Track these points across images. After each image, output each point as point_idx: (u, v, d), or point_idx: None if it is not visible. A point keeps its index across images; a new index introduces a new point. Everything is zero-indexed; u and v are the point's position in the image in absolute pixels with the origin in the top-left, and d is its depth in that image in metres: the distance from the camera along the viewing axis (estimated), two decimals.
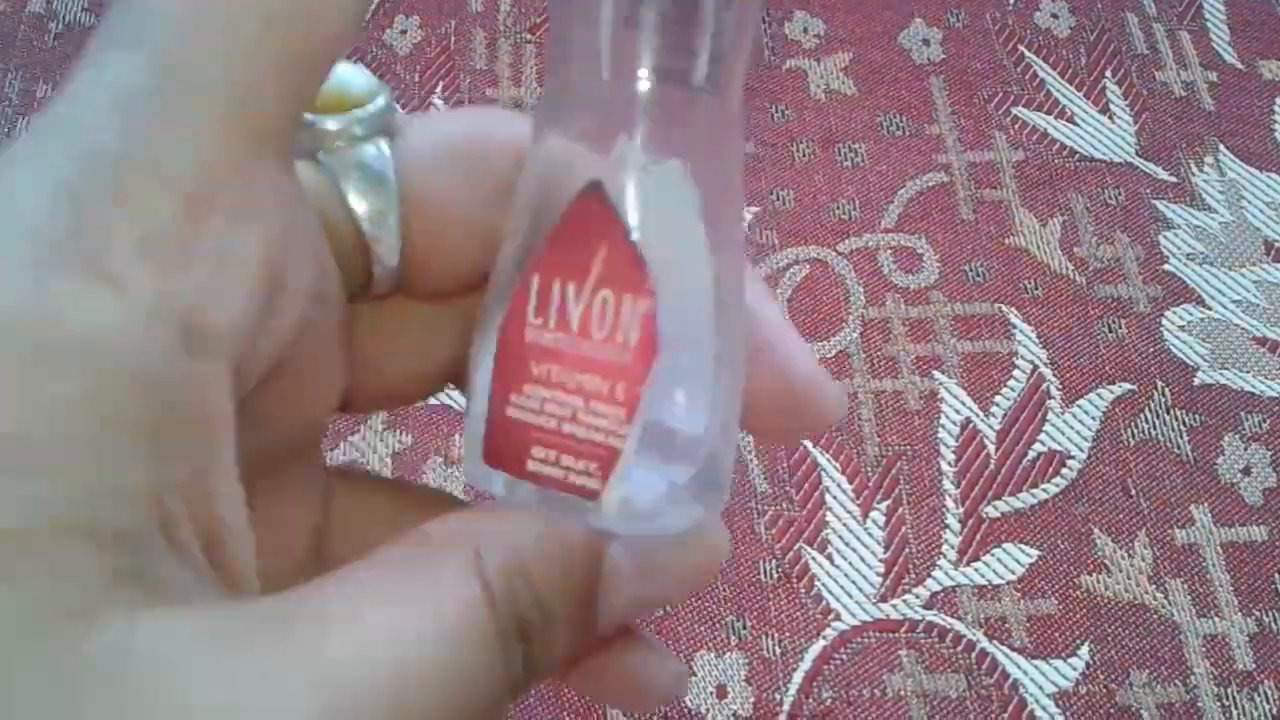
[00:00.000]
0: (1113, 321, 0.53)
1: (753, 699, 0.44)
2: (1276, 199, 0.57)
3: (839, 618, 0.46)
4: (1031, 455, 0.49)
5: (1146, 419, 0.50)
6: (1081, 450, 0.50)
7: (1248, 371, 0.51)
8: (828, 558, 0.47)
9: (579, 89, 0.17)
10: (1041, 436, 0.50)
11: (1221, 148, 0.58)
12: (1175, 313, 0.53)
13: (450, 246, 0.19)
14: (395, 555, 0.15)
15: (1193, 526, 0.48)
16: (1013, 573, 0.47)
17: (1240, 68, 0.61)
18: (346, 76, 0.18)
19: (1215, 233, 0.55)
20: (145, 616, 0.13)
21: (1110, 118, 0.59)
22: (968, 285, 0.54)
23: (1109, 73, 0.60)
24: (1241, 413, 0.50)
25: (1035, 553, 0.47)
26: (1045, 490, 0.49)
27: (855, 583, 0.47)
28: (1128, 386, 0.51)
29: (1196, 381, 0.51)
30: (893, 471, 0.49)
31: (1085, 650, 0.45)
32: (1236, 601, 0.46)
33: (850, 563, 0.47)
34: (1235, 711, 0.44)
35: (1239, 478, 0.49)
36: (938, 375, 0.51)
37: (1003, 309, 0.53)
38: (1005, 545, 0.47)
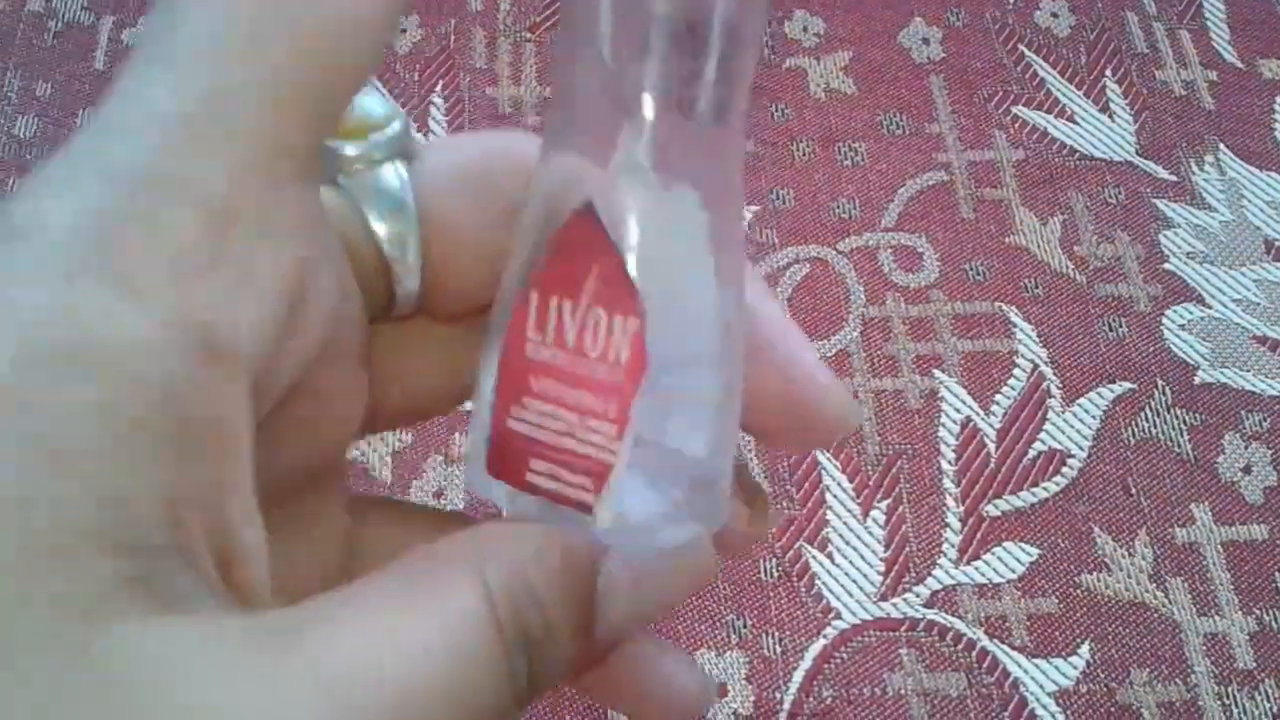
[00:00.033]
0: (1113, 320, 0.53)
1: (753, 698, 0.44)
2: (1277, 198, 0.57)
3: (839, 616, 0.46)
4: (1032, 454, 0.49)
5: (1147, 418, 0.50)
6: (1082, 449, 0.50)
7: (1248, 370, 0.51)
8: (828, 556, 0.47)
9: (584, 111, 0.17)
10: (1042, 435, 0.50)
11: (1222, 147, 0.58)
12: (1175, 311, 0.53)
13: (468, 268, 0.19)
14: (401, 570, 0.15)
15: (1193, 525, 0.48)
16: (1013, 571, 0.47)
17: (1240, 67, 0.61)
18: (364, 102, 0.19)
19: (1215, 232, 0.55)
20: (154, 623, 0.13)
21: (1110, 117, 0.59)
22: (968, 284, 0.54)
23: (1109, 72, 0.60)
24: (1242, 411, 0.50)
25: (1036, 551, 0.47)
26: (1046, 489, 0.49)
27: (856, 581, 0.47)
28: (1128, 385, 0.51)
29: (1197, 380, 0.51)
30: (893, 470, 0.49)
31: (1086, 649, 0.45)
32: (1237, 600, 0.46)
33: (851, 561, 0.47)
34: (1236, 710, 0.44)
35: (1239, 476, 0.49)
36: (938, 374, 0.51)
37: (1003, 308, 0.53)
38: (1006, 544, 0.47)
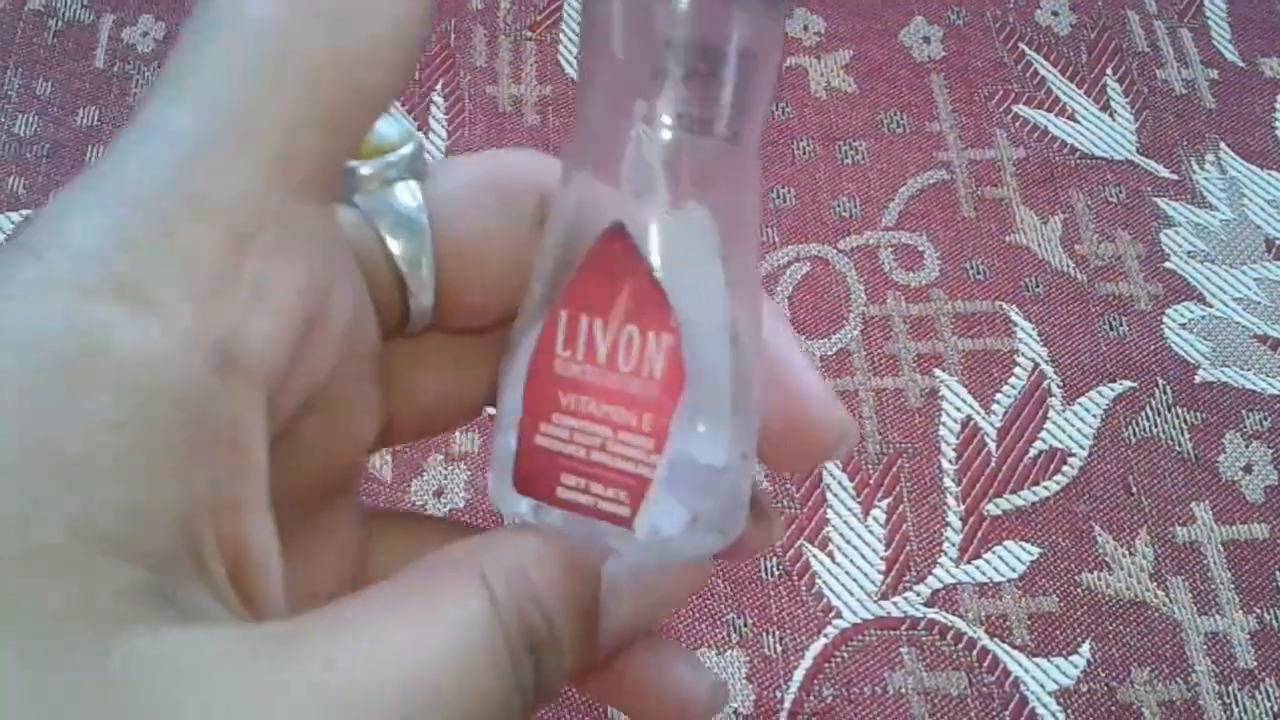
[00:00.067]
0: (1114, 319, 0.53)
1: (753, 697, 0.44)
2: (1277, 196, 0.56)
3: (840, 615, 0.46)
4: (1032, 453, 0.49)
5: (1147, 417, 0.50)
6: (1082, 448, 0.49)
7: (1249, 369, 0.51)
8: (829, 555, 0.47)
9: (603, 133, 0.18)
10: (1042, 434, 0.50)
11: (1222, 145, 0.58)
12: (1176, 310, 0.53)
13: (481, 283, 0.20)
14: (406, 578, 0.16)
15: (1194, 524, 0.48)
16: (1014, 570, 0.47)
17: (1241, 65, 0.61)
18: (378, 124, 0.20)
19: (1216, 230, 0.55)
20: (166, 632, 0.13)
21: (1111, 115, 0.59)
22: (968, 283, 0.54)
23: (1110, 70, 0.60)
24: (1242, 410, 0.50)
25: (1036, 550, 0.47)
26: (1046, 488, 0.49)
27: (856, 580, 0.46)
28: (1129, 384, 0.51)
29: (1197, 379, 0.51)
30: (894, 469, 0.49)
31: (1086, 648, 0.45)
32: (1238, 599, 0.46)
33: (851, 560, 0.47)
34: (1236, 709, 0.44)
35: (1240, 475, 0.49)
36: (938, 373, 0.51)
37: (1004, 307, 0.53)
38: (1006, 543, 0.47)
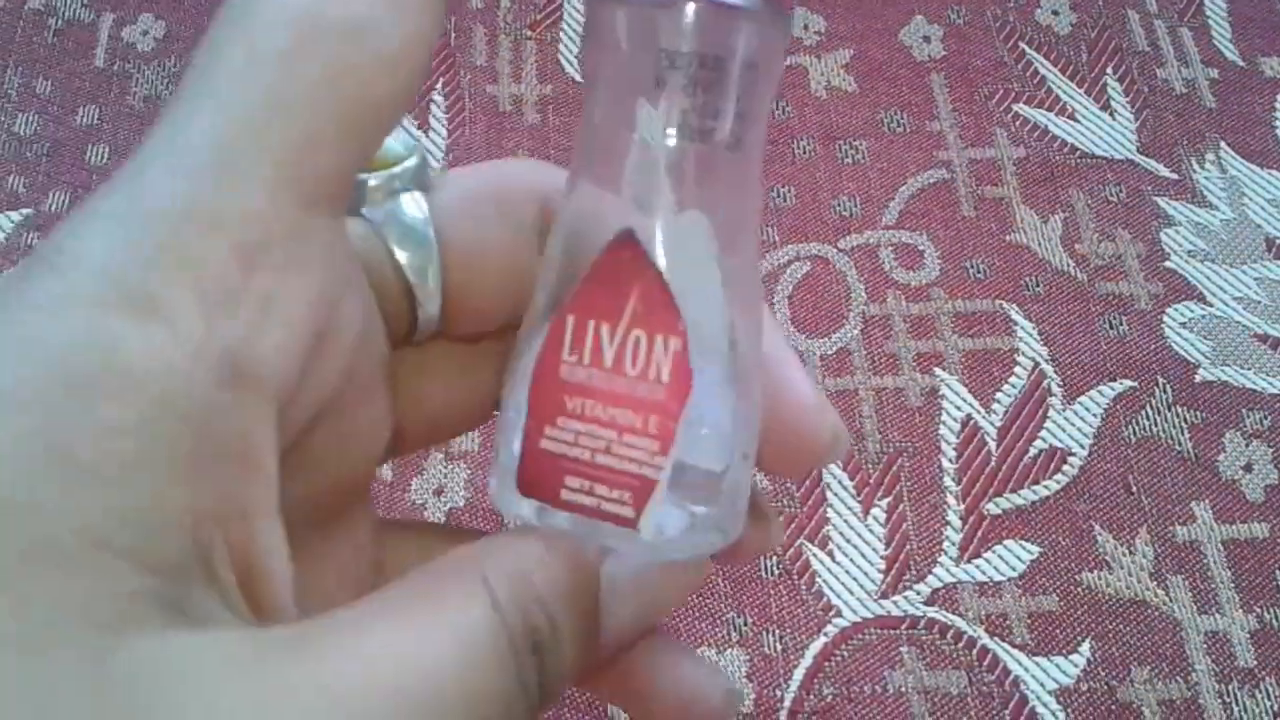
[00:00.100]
0: (1114, 318, 0.53)
1: (753, 695, 0.44)
2: (1277, 196, 0.56)
3: (840, 614, 0.46)
4: (1033, 452, 0.49)
5: (1148, 416, 0.50)
6: (1083, 447, 0.49)
7: (1249, 368, 0.51)
8: (829, 554, 0.47)
9: (608, 143, 0.18)
10: (1042, 433, 0.50)
11: (1223, 145, 0.58)
12: (1176, 309, 0.53)
13: (487, 290, 0.20)
14: (409, 584, 0.16)
15: (1194, 523, 0.48)
16: (1014, 569, 0.47)
17: (1241, 65, 0.61)
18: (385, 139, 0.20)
19: (1216, 230, 0.55)
20: (171, 635, 0.13)
21: (1111, 114, 0.59)
22: (969, 282, 0.54)
23: (1110, 69, 0.60)
24: (1243, 409, 0.50)
25: (1036, 549, 0.47)
26: (1046, 487, 0.49)
27: (856, 579, 0.46)
28: (1129, 383, 0.51)
29: (1198, 378, 0.51)
30: (894, 468, 0.49)
31: (1086, 647, 0.45)
32: (1238, 598, 0.46)
33: (851, 559, 0.47)
34: (1236, 708, 0.44)
35: (1240, 474, 0.49)
36: (939, 372, 0.51)
37: (1004, 306, 0.53)
38: (1006, 542, 0.47)
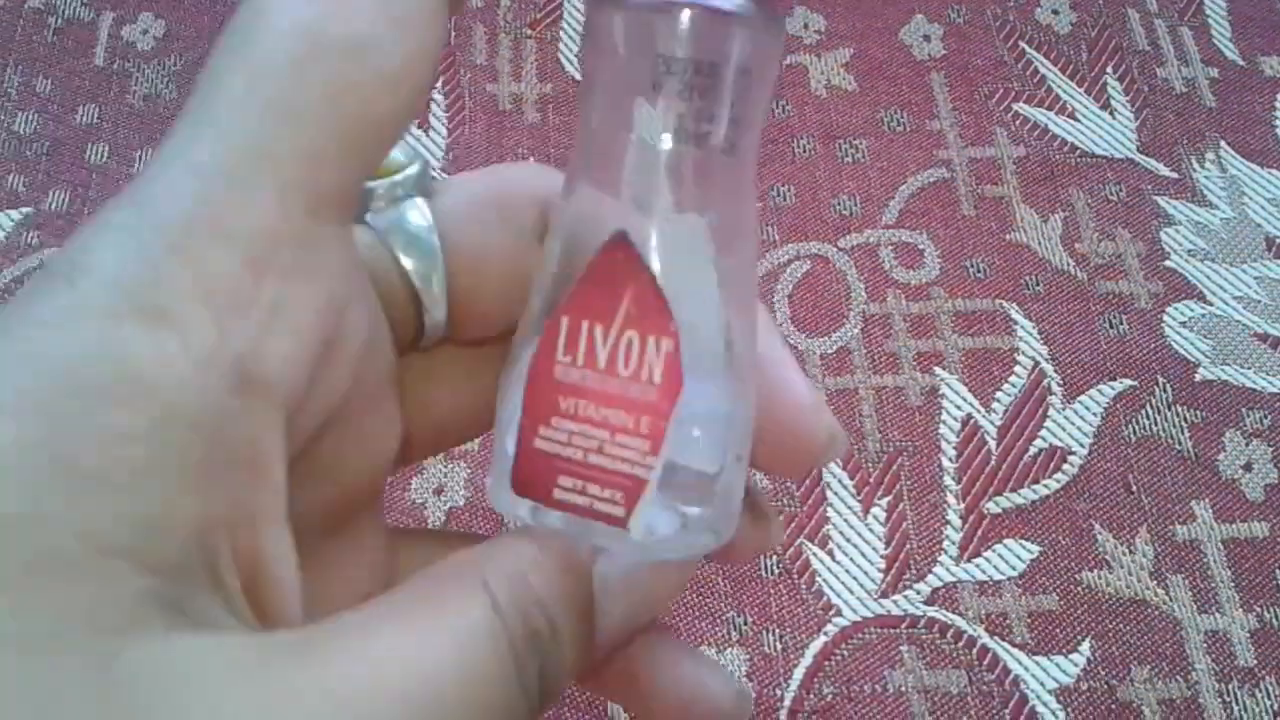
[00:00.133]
0: (1114, 317, 0.53)
1: (753, 695, 0.44)
2: (1277, 195, 0.56)
3: (840, 613, 0.46)
4: (1033, 451, 0.49)
5: (1147, 415, 0.50)
6: (1083, 446, 0.49)
7: (1249, 368, 0.51)
8: (829, 553, 0.47)
9: (605, 146, 0.18)
10: (1043, 433, 0.50)
11: (1223, 144, 0.58)
12: (1176, 309, 0.53)
13: (489, 295, 0.20)
14: (410, 588, 0.16)
15: (1194, 522, 0.48)
16: (1014, 569, 0.47)
17: (1241, 64, 0.61)
18: None
19: (1216, 229, 0.55)
20: (175, 638, 0.13)
21: (1111, 114, 0.59)
22: (969, 281, 0.54)
23: (1110, 69, 0.60)
24: (1243, 409, 0.50)
25: (1036, 549, 0.47)
26: (1046, 486, 0.49)
27: (856, 579, 0.46)
28: (1129, 382, 0.51)
29: (1198, 377, 0.51)
30: (894, 467, 0.49)
31: (1086, 646, 0.45)
32: (1238, 597, 0.46)
33: (851, 558, 0.47)
34: (1236, 708, 0.44)
35: (1240, 474, 0.49)
36: (939, 371, 0.51)
37: (1004, 305, 0.53)
38: (1006, 541, 0.47)
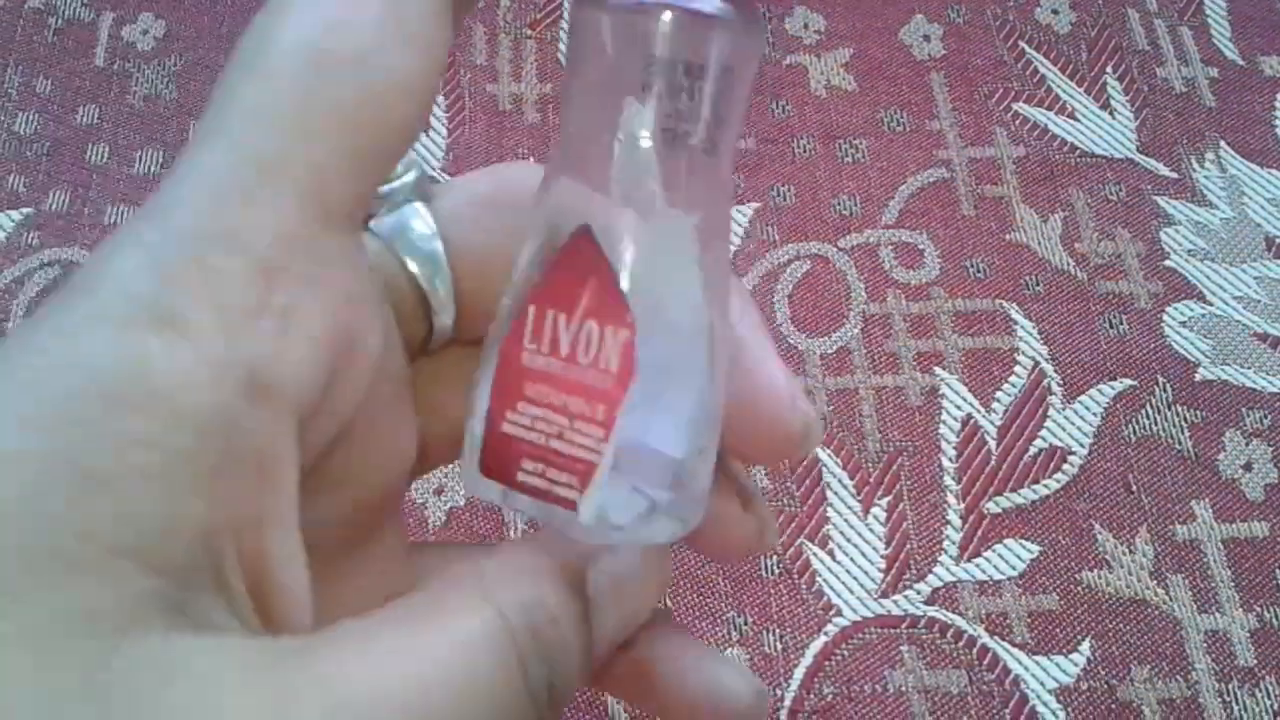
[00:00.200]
0: (1114, 317, 0.53)
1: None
2: (1277, 195, 0.57)
3: (840, 613, 0.46)
4: (1033, 451, 0.49)
5: (1147, 415, 0.50)
6: (1082, 446, 0.50)
7: (1249, 368, 0.51)
8: (829, 553, 0.47)
9: (586, 141, 0.18)
10: (1043, 432, 0.50)
11: (1222, 144, 0.58)
12: (1176, 309, 0.53)
13: (493, 295, 0.21)
14: (415, 598, 0.16)
15: (1194, 522, 0.48)
16: (1014, 569, 0.47)
17: (1241, 64, 0.61)
18: None
19: (1216, 229, 0.55)
20: (176, 639, 0.14)
21: (1111, 114, 0.59)
22: (969, 281, 0.54)
23: (1110, 69, 0.60)
24: (1243, 408, 0.50)
25: (1036, 549, 0.47)
26: (1046, 486, 0.49)
27: (856, 579, 0.47)
28: (1129, 382, 0.51)
29: (1198, 377, 0.51)
30: (894, 467, 0.49)
31: (1086, 646, 0.45)
32: (1238, 597, 0.46)
33: (851, 558, 0.47)
34: (1236, 707, 0.44)
35: (1240, 473, 0.49)
36: (939, 371, 0.51)
37: (1004, 305, 0.53)
38: (1006, 541, 0.47)
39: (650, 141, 0.18)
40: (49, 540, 0.13)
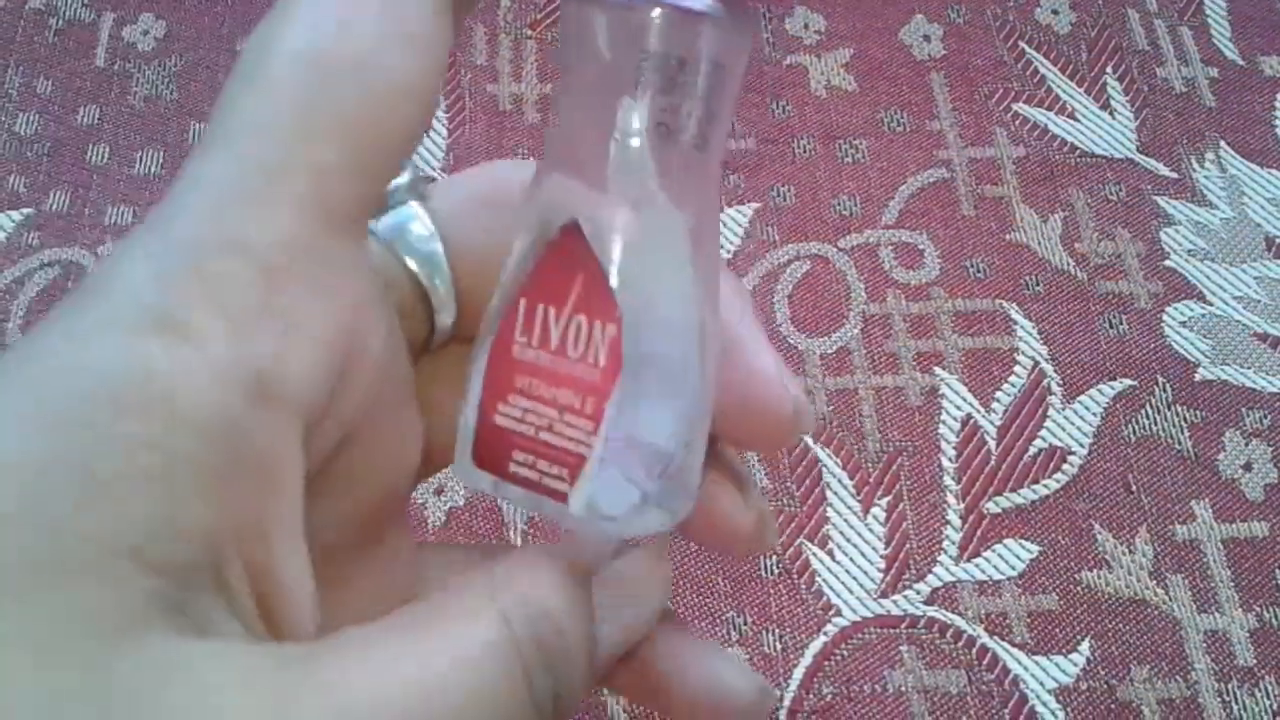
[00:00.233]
0: (1114, 317, 0.53)
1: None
2: (1277, 195, 0.57)
3: (839, 613, 0.46)
4: (1032, 451, 0.49)
5: (1147, 415, 0.50)
6: (1082, 446, 0.50)
7: (1249, 367, 0.51)
8: (828, 553, 0.47)
9: (578, 135, 0.19)
10: (1042, 432, 0.50)
11: (1222, 144, 0.58)
12: (1176, 309, 0.53)
13: (491, 291, 0.20)
14: (419, 607, 0.16)
15: (1193, 522, 0.48)
16: (1013, 569, 0.47)
17: (1241, 64, 0.61)
18: None
19: (1216, 229, 0.55)
20: (177, 642, 0.14)
21: (1111, 114, 0.59)
22: (968, 281, 0.54)
23: (1110, 69, 0.60)
24: (1242, 408, 0.50)
25: (1036, 549, 0.47)
26: (1046, 486, 0.49)
27: (856, 579, 0.47)
28: (1128, 382, 0.51)
29: (1197, 377, 0.51)
30: (893, 467, 0.49)
31: (1086, 646, 0.45)
32: (1237, 597, 0.46)
33: (851, 558, 0.47)
34: (1236, 707, 0.44)
35: (1240, 473, 0.49)
36: (938, 371, 0.51)
37: (1003, 305, 0.53)
38: (1006, 541, 0.47)
39: (644, 137, 0.18)
40: (51, 542, 0.13)
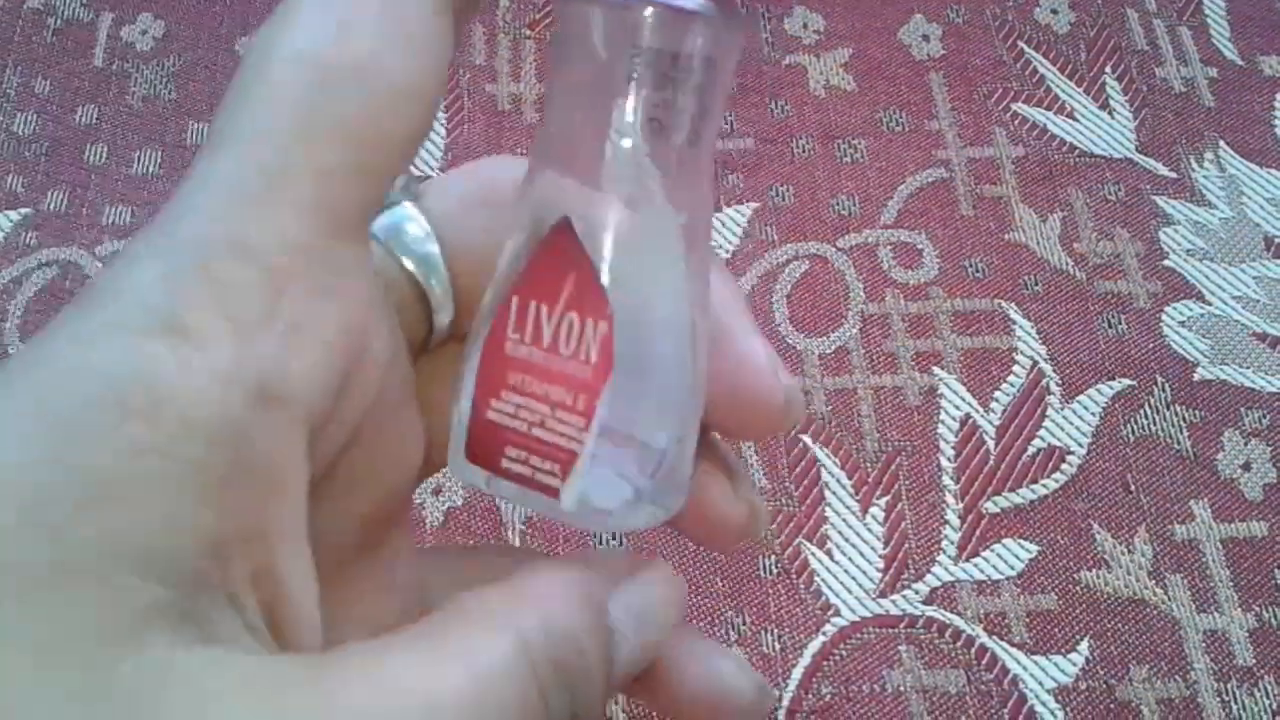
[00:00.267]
0: (1112, 317, 0.53)
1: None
2: (1276, 195, 0.57)
3: (838, 613, 0.46)
4: (1031, 451, 0.49)
5: (1146, 415, 0.50)
6: (1081, 446, 0.50)
7: (1248, 367, 0.51)
8: (827, 553, 0.47)
9: (570, 132, 0.19)
10: (1041, 432, 0.50)
11: (1221, 144, 0.58)
12: (1175, 308, 0.53)
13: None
14: (433, 622, 0.16)
15: (1192, 522, 0.48)
16: (1012, 568, 0.47)
17: (1240, 64, 0.61)
18: None
19: (1215, 229, 0.55)
20: (182, 650, 0.14)
21: (1110, 114, 0.59)
22: (967, 281, 0.54)
23: (1109, 69, 0.60)
24: (1241, 408, 0.50)
25: (1035, 548, 0.47)
26: (1045, 486, 0.49)
27: (855, 578, 0.47)
28: (1127, 382, 0.51)
29: (1196, 377, 0.51)
30: (892, 467, 0.49)
31: (1085, 646, 0.45)
32: (1236, 597, 0.46)
33: (850, 558, 0.47)
34: (1235, 707, 0.44)
35: (1239, 473, 0.49)
36: (937, 371, 0.51)
37: (1002, 305, 0.53)
38: (1005, 541, 0.47)
39: (637, 133, 0.18)
40: (53, 545, 0.13)
